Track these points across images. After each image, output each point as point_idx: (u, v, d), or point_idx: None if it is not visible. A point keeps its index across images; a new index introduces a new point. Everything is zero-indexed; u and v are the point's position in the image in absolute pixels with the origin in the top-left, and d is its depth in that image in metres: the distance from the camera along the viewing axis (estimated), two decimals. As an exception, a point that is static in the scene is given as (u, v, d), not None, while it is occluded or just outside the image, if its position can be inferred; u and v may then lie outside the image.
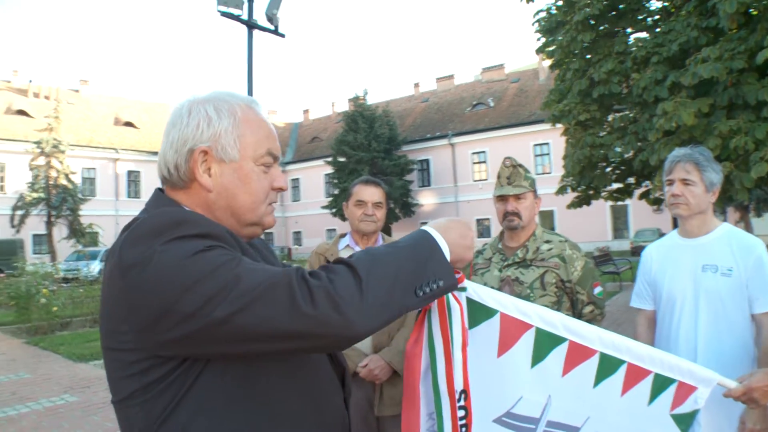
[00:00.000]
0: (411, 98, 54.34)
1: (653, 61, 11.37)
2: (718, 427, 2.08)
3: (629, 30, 13.92)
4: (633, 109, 13.46)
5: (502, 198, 3.01)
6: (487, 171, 42.97)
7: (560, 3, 14.29)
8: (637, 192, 16.42)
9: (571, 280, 2.90)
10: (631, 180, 15.83)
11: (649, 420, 1.75)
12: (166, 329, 1.10)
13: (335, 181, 44.16)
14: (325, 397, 1.37)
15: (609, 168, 15.16)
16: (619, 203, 21.06)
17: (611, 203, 20.95)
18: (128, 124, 48.73)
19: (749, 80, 9.70)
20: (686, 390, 1.79)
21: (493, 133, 42.82)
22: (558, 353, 1.68)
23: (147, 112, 51.87)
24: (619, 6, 13.41)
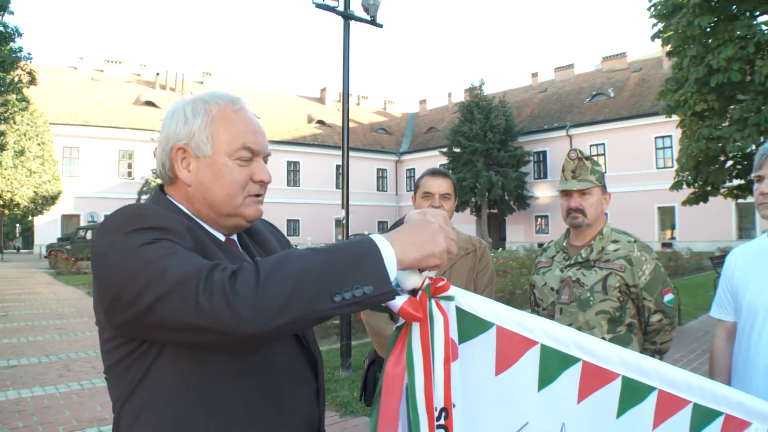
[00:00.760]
0: (528, 88, 53.56)
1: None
2: None
3: (755, 12, 12.83)
4: (755, 99, 12.36)
5: (566, 193, 2.87)
6: (605, 164, 41.27)
7: (678, -15, 13.40)
8: (762, 189, 15.18)
9: (637, 284, 2.70)
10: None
11: None
12: (116, 314, 1.20)
13: (450, 172, 43.83)
14: (284, 387, 1.38)
15: (729, 163, 14.10)
16: (746, 201, 19.60)
17: (738, 200, 19.52)
18: (251, 114, 50.82)
19: None
20: (737, 426, 1.53)
21: (613, 124, 41.43)
22: (570, 375, 1.44)
23: (267, 102, 53.91)
24: (744, -14, 12.40)
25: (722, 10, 12.54)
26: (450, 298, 1.37)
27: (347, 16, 9.73)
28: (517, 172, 42.88)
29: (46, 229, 42.35)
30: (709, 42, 12.67)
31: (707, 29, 12.60)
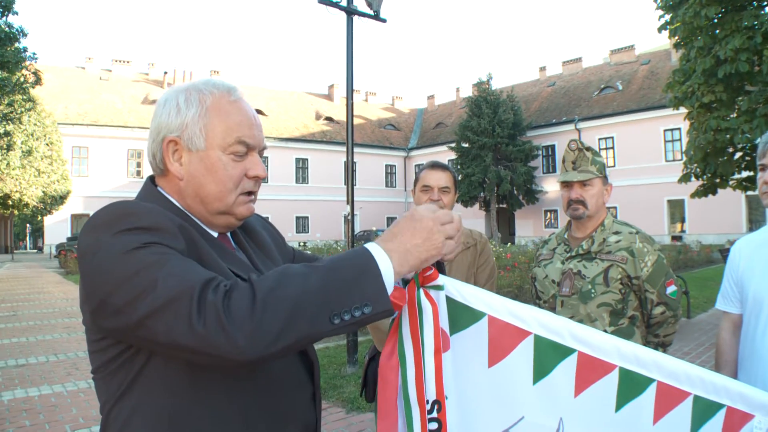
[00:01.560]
0: (536, 82, 53.37)
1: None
2: None
3: (762, 2, 12.68)
4: (763, 90, 12.21)
5: (566, 184, 2.82)
6: (614, 158, 41.20)
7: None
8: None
9: (639, 276, 2.66)
10: (762, 167, 14.50)
11: None
12: (103, 318, 1.15)
13: (458, 167, 44.08)
14: (280, 393, 1.33)
15: (737, 154, 13.96)
16: (756, 192, 19.47)
17: (748, 192, 19.36)
18: (258, 111, 50.59)
19: None
20: (739, 418, 1.47)
21: (622, 117, 41.21)
22: (566, 367, 1.39)
23: (275, 99, 53.92)
24: (750, -25, 12.29)
25: (729, 1, 12.39)
26: (439, 287, 1.34)
27: (350, 12, 9.68)
28: (526, 167, 42.75)
29: (56, 228, 42.68)
30: (716, 33, 12.54)
31: (714, 20, 12.47)
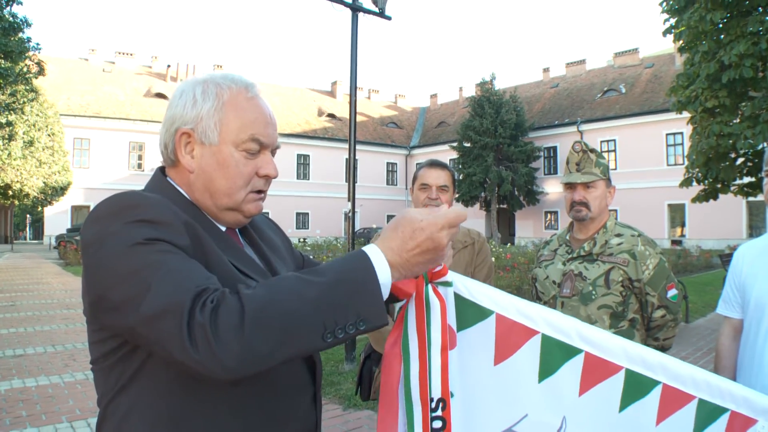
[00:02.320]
0: (540, 83, 53.37)
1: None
2: None
3: (768, 8, 12.67)
4: (767, 96, 12.23)
5: (570, 186, 2.83)
6: (616, 161, 41.14)
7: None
8: (773, 187, 14.94)
9: (640, 279, 2.66)
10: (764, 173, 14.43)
11: None
12: (101, 312, 1.15)
13: (460, 167, 44.04)
14: (281, 394, 1.32)
15: (740, 160, 13.94)
16: (757, 198, 19.40)
17: (749, 198, 19.30)
18: (262, 106, 51.19)
19: None
20: (742, 422, 1.48)
21: (624, 120, 41.27)
22: (572, 367, 1.39)
23: (278, 95, 53.92)
24: (757, -19, 12.22)
25: (735, 6, 12.36)
26: (448, 283, 1.33)
27: (355, 8, 9.68)
28: (527, 168, 42.76)
29: (56, 219, 42.69)
30: (721, 38, 12.49)
31: (719, 25, 12.44)
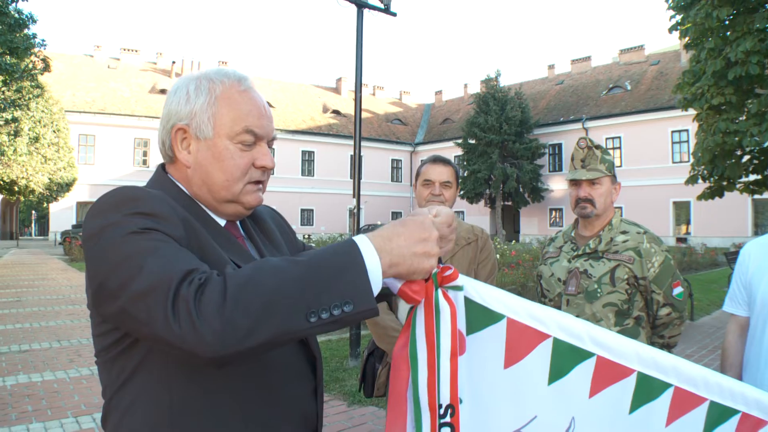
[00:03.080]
0: (545, 80, 53.20)
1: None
2: None
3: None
4: (774, 93, 12.19)
5: (575, 182, 2.81)
6: (621, 158, 41.06)
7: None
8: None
9: (646, 277, 2.64)
10: (770, 171, 14.38)
11: None
12: (100, 302, 1.15)
13: (465, 164, 43.99)
14: (280, 383, 1.32)
15: (746, 157, 13.89)
16: (763, 196, 19.34)
17: (755, 196, 19.26)
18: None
19: None
20: (753, 424, 1.47)
21: (629, 117, 41.11)
22: (583, 370, 1.38)
23: (282, 91, 53.89)
24: (764, -23, 12.16)
25: (741, 2, 12.30)
26: (458, 287, 1.30)
27: (361, 5, 9.65)
28: (532, 165, 42.68)
29: (62, 215, 42.84)
30: (727, 34, 12.48)
31: (726, 21, 12.41)
